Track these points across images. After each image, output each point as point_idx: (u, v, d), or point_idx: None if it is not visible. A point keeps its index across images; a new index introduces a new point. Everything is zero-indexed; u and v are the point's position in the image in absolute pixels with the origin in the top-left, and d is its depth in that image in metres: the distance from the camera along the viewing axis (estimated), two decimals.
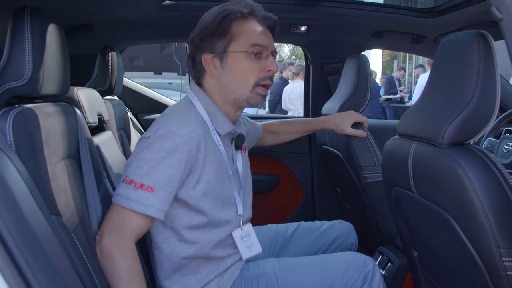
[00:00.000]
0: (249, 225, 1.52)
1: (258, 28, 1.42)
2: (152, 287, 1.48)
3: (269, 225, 1.89)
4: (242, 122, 1.60)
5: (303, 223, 1.90)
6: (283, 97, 6.62)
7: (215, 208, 1.40)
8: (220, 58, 1.41)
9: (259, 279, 1.48)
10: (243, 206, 1.49)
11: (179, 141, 1.29)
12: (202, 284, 1.44)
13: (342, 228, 1.89)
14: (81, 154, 1.38)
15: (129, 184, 1.26)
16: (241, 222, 1.48)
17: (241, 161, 1.53)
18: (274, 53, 1.46)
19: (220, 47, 1.40)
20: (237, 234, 1.47)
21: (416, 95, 8.40)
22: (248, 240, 1.49)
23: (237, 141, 1.50)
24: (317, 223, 1.93)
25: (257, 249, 1.50)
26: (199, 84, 1.47)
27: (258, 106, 1.46)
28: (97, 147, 1.53)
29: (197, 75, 1.47)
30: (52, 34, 1.25)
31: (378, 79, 12.12)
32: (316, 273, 1.51)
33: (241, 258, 1.51)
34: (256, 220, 1.96)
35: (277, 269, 1.50)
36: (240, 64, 1.40)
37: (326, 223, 1.91)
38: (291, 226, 1.86)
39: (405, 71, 12.98)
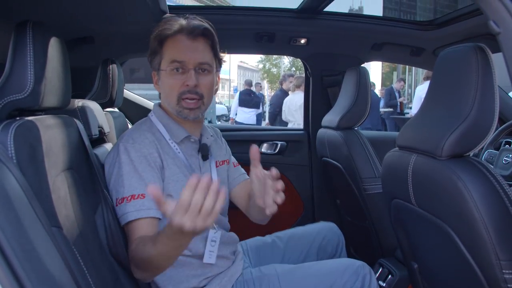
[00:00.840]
0: (219, 233, 1.54)
1: (183, 44, 1.48)
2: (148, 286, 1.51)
3: (254, 237, 1.93)
4: (209, 133, 1.65)
5: (281, 231, 1.95)
6: (283, 109, 6.64)
7: None
8: (158, 75, 1.53)
9: (261, 281, 1.54)
10: None
11: (138, 148, 1.42)
12: (202, 284, 1.50)
13: (322, 227, 1.94)
14: (91, 165, 1.44)
15: (122, 202, 1.37)
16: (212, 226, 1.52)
17: (216, 172, 1.60)
18: (201, 65, 1.49)
19: (156, 65, 1.52)
20: (210, 234, 1.51)
21: (414, 107, 8.41)
22: (213, 246, 1.52)
23: (202, 151, 1.58)
24: (297, 228, 1.99)
25: (212, 259, 1.51)
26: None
27: (188, 118, 1.50)
28: (98, 159, 1.54)
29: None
30: (53, 47, 1.26)
31: (377, 90, 12.15)
32: (315, 275, 1.56)
33: (239, 261, 1.60)
34: (256, 232, 1.97)
35: (279, 272, 1.56)
36: (165, 80, 1.50)
37: (307, 226, 1.99)
38: (271, 236, 1.92)
39: (405, 82, 13.02)
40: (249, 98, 8.70)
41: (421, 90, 7.66)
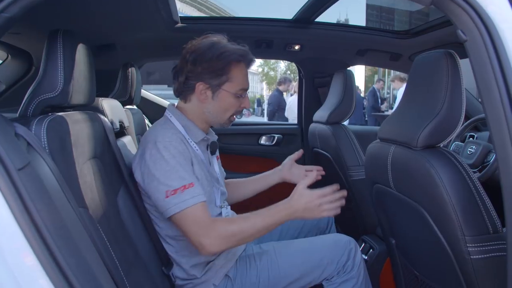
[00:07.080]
0: (229, 209, 1.59)
1: (246, 72, 1.51)
2: (165, 260, 1.50)
3: None
4: (213, 133, 1.65)
5: None
6: (287, 107, 6.59)
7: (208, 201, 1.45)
8: (212, 91, 1.46)
9: (261, 255, 1.56)
10: (220, 198, 1.55)
11: (175, 145, 1.38)
12: (212, 258, 1.49)
13: None
14: (113, 154, 1.46)
15: (176, 193, 1.32)
16: (224, 206, 1.56)
17: (217, 165, 1.61)
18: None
19: (216, 83, 1.45)
20: (223, 211, 1.54)
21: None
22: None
23: (211, 147, 1.58)
24: None
25: None
26: (181, 99, 1.54)
27: (225, 127, 1.57)
28: (119, 149, 1.54)
29: (183, 93, 1.51)
30: (80, 53, 1.26)
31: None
32: (308, 249, 1.58)
33: None
34: None
35: (275, 247, 1.59)
36: (227, 100, 1.48)
37: None
38: None
39: (384, 83, 12.98)
40: None
41: (401, 92, 7.63)
